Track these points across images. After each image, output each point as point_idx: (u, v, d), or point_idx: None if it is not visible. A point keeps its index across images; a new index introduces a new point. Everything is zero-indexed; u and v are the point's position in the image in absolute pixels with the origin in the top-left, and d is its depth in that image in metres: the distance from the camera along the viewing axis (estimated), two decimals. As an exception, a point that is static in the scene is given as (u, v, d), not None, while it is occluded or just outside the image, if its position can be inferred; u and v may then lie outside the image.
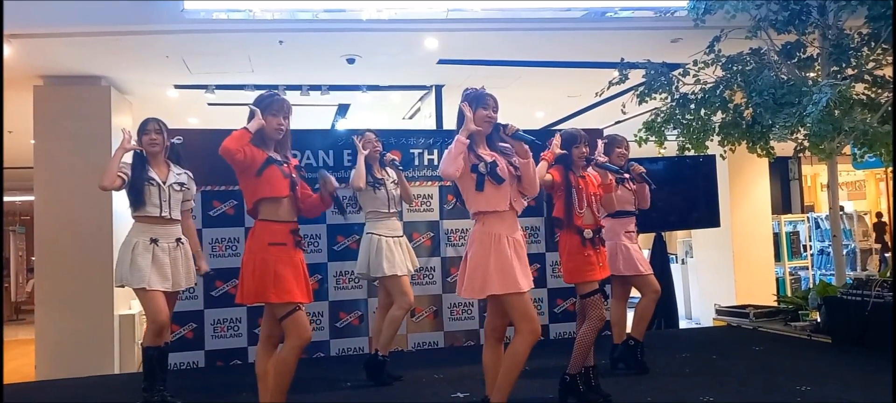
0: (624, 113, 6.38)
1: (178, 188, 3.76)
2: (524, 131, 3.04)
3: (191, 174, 3.94)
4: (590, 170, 3.78)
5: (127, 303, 6.91)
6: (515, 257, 2.93)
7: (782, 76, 5.58)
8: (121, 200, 6.84)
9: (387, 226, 4.24)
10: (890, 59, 5.49)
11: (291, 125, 3.24)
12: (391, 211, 4.28)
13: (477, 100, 3.04)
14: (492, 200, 2.98)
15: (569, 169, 3.63)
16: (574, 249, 3.55)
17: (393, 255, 4.16)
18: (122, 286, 3.64)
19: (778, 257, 8.85)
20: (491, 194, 2.98)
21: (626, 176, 4.20)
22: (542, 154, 3.58)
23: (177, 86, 7.21)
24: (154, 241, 3.61)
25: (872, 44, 5.47)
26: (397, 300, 4.14)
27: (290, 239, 3.01)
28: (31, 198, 6.56)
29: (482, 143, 3.08)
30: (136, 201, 3.64)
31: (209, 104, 7.81)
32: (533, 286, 3.01)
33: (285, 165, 3.09)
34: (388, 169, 4.38)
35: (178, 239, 3.73)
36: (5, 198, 13.51)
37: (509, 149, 3.09)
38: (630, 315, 4.43)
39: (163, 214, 3.65)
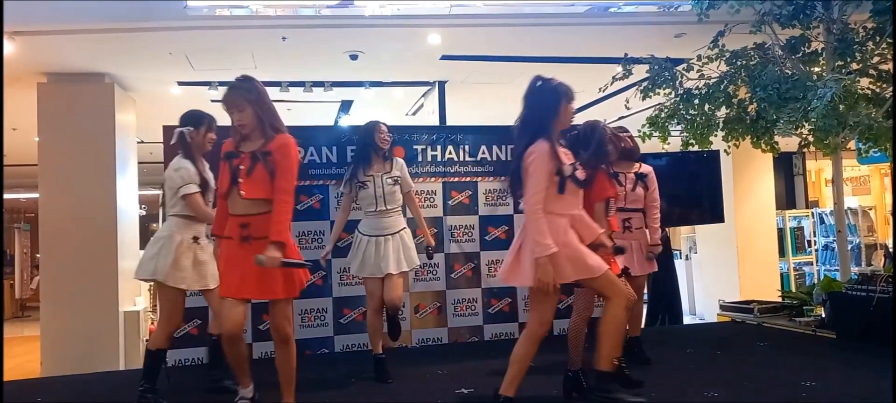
0: (627, 108, 6.37)
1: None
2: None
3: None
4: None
5: (131, 300, 6.93)
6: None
7: (787, 71, 5.56)
8: (124, 197, 6.90)
9: (374, 226, 4.16)
10: (896, 53, 5.46)
11: (294, 121, 3.24)
12: (380, 208, 4.15)
13: (569, 94, 3.00)
14: (569, 204, 2.99)
15: None
16: None
17: (364, 256, 4.10)
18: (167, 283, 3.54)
19: (782, 252, 8.83)
20: (569, 198, 2.99)
21: None
22: None
23: (180, 83, 7.22)
24: (195, 240, 3.61)
25: (877, 38, 5.44)
26: (366, 300, 4.23)
27: (236, 232, 2.98)
28: (36, 195, 6.58)
29: (557, 142, 3.04)
30: (205, 201, 3.64)
31: (212, 101, 7.80)
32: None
33: (237, 158, 3.02)
34: (393, 160, 4.30)
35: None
36: (10, 196, 13.57)
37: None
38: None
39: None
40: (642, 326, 4.25)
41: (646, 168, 4.35)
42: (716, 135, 6.04)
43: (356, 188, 4.18)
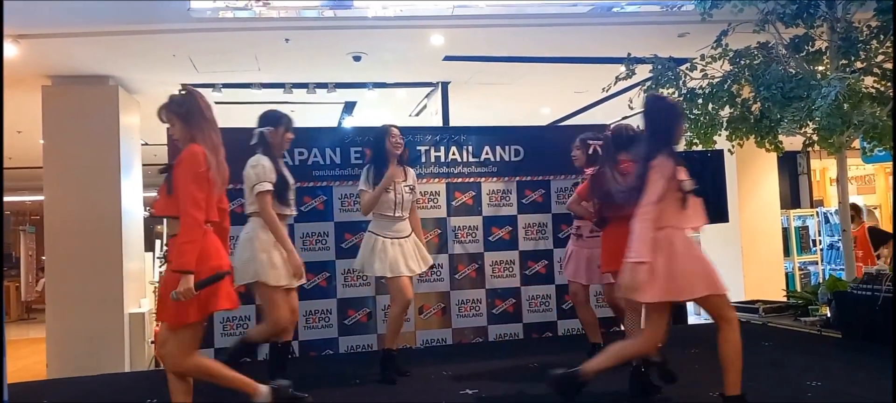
0: (631, 108, 6.35)
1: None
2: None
3: None
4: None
5: (137, 302, 6.95)
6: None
7: (790, 70, 5.55)
8: (129, 199, 6.92)
9: (390, 228, 4.17)
10: (901, 52, 5.45)
11: (298, 123, 3.20)
12: (397, 215, 4.17)
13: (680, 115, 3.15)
14: (692, 218, 3.03)
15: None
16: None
17: (386, 256, 4.11)
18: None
19: (787, 252, 8.79)
20: (691, 212, 3.03)
21: None
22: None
23: (184, 85, 7.23)
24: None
25: (881, 37, 5.42)
26: (392, 298, 4.15)
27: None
28: (41, 197, 6.60)
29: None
30: (280, 199, 3.63)
31: (216, 103, 7.80)
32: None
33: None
34: (405, 167, 4.33)
35: None
36: (16, 198, 13.61)
37: None
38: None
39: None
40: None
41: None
42: (720, 135, 6.03)
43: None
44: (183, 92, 3.01)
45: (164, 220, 3.17)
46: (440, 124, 7.45)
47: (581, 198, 4.16)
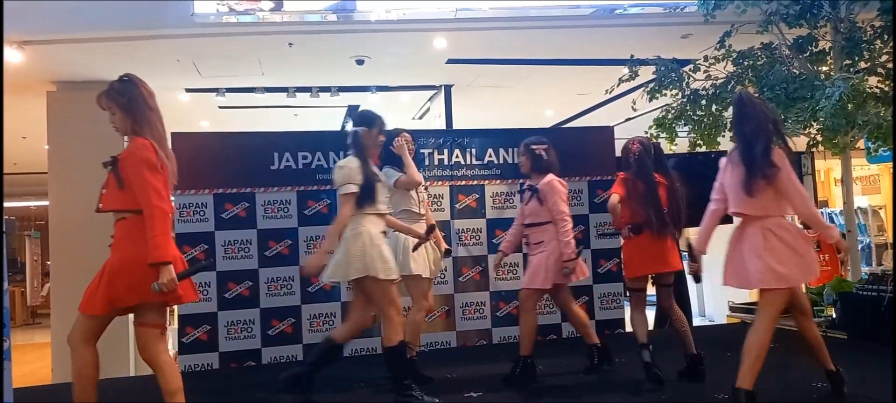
0: (634, 110, 6.36)
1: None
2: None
3: None
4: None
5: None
6: None
7: (794, 70, 5.54)
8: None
9: (417, 227, 4.17)
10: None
11: (301, 126, 3.20)
12: (421, 212, 4.25)
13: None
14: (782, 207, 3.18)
15: None
16: None
17: (419, 256, 4.12)
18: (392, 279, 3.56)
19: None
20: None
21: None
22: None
23: (188, 90, 7.26)
24: (384, 234, 3.66)
25: (885, 37, 5.41)
26: (417, 301, 4.14)
27: None
28: (46, 202, 6.63)
29: None
30: (372, 198, 3.60)
31: (220, 107, 7.86)
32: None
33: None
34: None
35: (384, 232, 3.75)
36: (20, 204, 13.65)
37: None
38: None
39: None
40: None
41: (545, 180, 4.08)
42: (723, 136, 6.02)
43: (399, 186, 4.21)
44: (124, 78, 2.92)
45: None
46: (443, 127, 7.46)
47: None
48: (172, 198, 2.88)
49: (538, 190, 4.05)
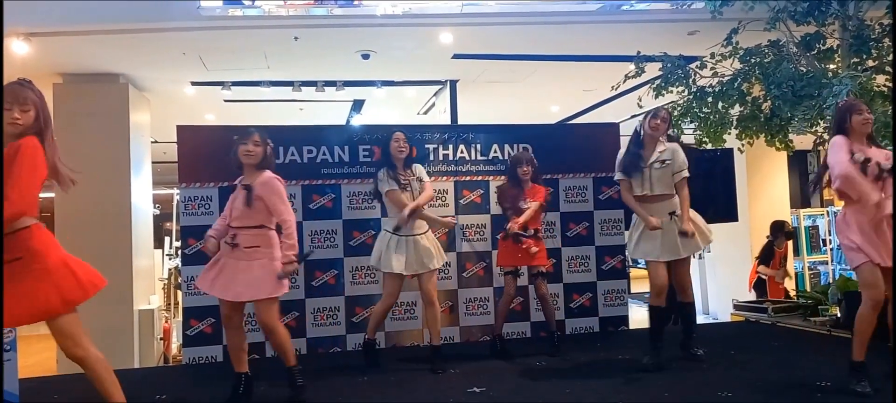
0: (640, 107, 6.33)
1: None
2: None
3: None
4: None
5: (146, 298, 7.00)
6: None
7: (801, 68, 5.51)
8: (139, 196, 6.96)
9: (408, 226, 4.27)
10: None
11: (307, 120, 3.20)
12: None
13: (854, 108, 3.51)
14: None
15: None
16: None
17: (408, 253, 4.25)
18: None
19: (797, 251, 8.75)
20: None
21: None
22: None
23: (194, 83, 7.27)
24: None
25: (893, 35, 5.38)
26: (386, 298, 4.42)
27: None
28: (52, 194, 6.65)
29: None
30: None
31: (225, 100, 7.87)
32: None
33: None
34: (414, 166, 4.42)
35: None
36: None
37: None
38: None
39: None
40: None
41: (263, 177, 3.59)
42: (730, 134, 6.00)
43: (401, 186, 4.30)
44: (28, 81, 2.78)
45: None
46: (448, 122, 7.45)
47: None
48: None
49: (251, 189, 3.61)
